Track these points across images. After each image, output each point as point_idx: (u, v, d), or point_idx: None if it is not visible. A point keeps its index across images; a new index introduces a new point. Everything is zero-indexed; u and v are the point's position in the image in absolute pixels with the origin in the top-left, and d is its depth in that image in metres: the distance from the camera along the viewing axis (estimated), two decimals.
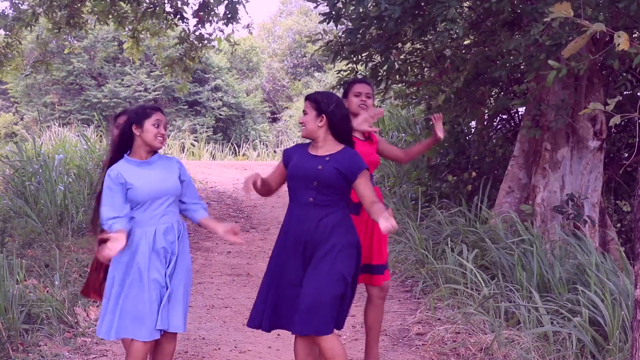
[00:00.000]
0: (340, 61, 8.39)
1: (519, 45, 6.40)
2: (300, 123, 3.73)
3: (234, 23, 10.40)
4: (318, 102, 3.66)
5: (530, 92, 7.07)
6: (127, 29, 11.25)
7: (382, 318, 4.40)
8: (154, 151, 3.70)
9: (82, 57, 21.46)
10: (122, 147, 3.69)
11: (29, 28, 10.32)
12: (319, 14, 7.85)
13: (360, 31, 7.58)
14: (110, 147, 3.82)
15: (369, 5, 6.81)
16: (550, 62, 4.73)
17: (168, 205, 3.67)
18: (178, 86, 12.13)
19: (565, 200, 7.30)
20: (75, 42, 14.92)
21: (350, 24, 7.85)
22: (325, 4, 7.66)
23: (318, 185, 3.59)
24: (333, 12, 7.44)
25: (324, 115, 3.64)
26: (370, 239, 4.20)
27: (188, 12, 10.88)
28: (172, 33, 11.99)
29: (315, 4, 8.15)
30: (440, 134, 4.37)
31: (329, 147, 3.68)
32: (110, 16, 10.56)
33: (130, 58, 11.69)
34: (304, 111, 3.73)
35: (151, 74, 21.90)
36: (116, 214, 3.56)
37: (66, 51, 11.73)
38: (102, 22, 10.67)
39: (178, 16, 10.86)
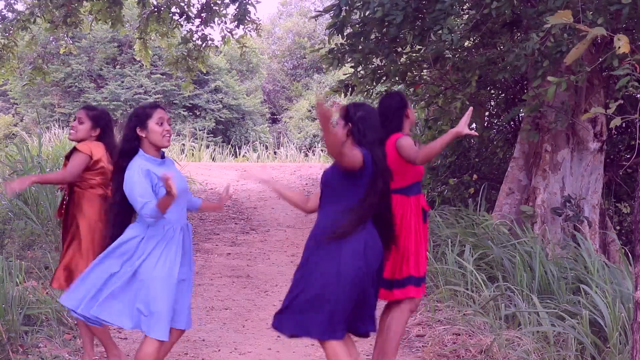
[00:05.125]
0: (345, 66, 8.33)
1: (519, 56, 6.34)
2: None
3: (245, 25, 10.42)
4: (347, 110, 3.70)
5: (537, 97, 7.02)
6: (127, 27, 11.27)
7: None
8: (161, 149, 3.65)
9: (80, 58, 21.41)
10: (129, 152, 3.58)
11: (26, 29, 10.32)
12: (326, 29, 7.82)
13: (363, 35, 7.57)
14: (117, 152, 3.68)
15: (374, 7, 6.80)
16: (549, 78, 4.72)
17: (184, 203, 3.70)
18: (183, 84, 12.12)
19: (563, 202, 7.30)
20: (71, 42, 14.93)
21: (351, 29, 7.84)
22: (330, 14, 7.65)
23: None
24: (338, 22, 7.43)
25: (350, 123, 3.68)
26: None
27: (193, 12, 10.92)
28: (178, 33, 12.01)
29: (316, 18, 8.12)
30: (463, 127, 3.83)
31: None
32: (108, 15, 10.56)
33: (139, 59, 11.70)
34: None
35: (152, 76, 21.81)
36: (151, 198, 3.46)
37: (61, 51, 11.71)
38: (99, 20, 10.67)
39: (184, 16, 10.88)
